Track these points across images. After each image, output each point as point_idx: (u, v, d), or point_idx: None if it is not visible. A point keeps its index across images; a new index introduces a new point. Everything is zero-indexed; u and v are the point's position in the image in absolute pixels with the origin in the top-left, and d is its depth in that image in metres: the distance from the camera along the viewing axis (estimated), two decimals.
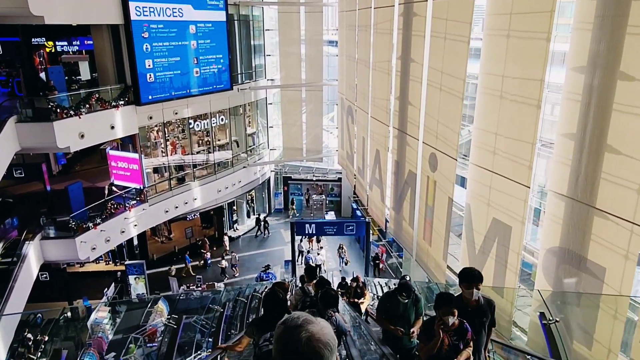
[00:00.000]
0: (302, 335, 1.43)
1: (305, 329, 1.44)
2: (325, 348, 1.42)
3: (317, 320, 1.50)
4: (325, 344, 1.43)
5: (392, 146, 16.19)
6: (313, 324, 1.47)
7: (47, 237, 14.29)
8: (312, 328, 1.45)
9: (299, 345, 1.41)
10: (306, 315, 1.52)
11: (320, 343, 1.42)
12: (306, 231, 17.63)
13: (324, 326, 1.48)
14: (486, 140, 10.47)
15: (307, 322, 1.47)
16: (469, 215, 11.37)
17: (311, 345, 1.41)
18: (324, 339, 1.43)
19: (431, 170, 12.95)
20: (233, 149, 22.15)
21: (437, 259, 12.36)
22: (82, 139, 14.30)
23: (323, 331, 1.46)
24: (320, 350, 1.41)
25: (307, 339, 1.42)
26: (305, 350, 1.40)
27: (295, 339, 1.42)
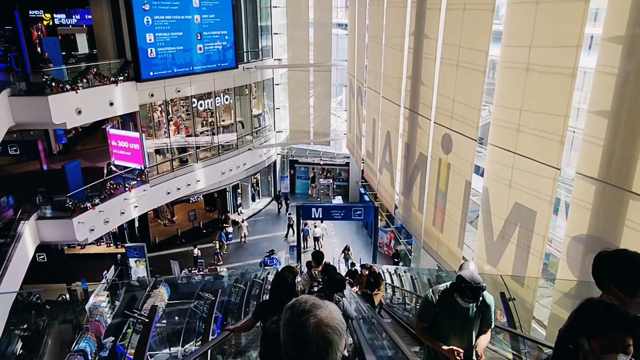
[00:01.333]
0: (310, 320, 1.39)
1: (313, 314, 1.41)
2: (334, 333, 1.39)
3: (325, 305, 1.46)
4: (334, 328, 1.40)
5: (402, 128, 15.40)
6: (321, 308, 1.43)
7: (44, 217, 13.78)
8: (320, 313, 1.41)
9: (307, 331, 1.38)
10: (314, 299, 1.48)
11: (329, 328, 1.39)
12: (313, 215, 16.99)
13: (332, 310, 1.44)
14: (508, 118, 9.66)
15: (314, 306, 1.43)
16: (486, 199, 10.62)
17: (320, 330, 1.38)
18: (332, 324, 1.40)
19: (444, 152, 12.15)
20: (238, 130, 21.46)
21: (450, 246, 11.64)
22: (79, 115, 13.67)
23: (332, 315, 1.42)
24: (329, 336, 1.38)
25: (315, 325, 1.38)
26: (313, 336, 1.38)
27: (303, 325, 1.39)
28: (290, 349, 1.43)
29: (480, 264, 11.05)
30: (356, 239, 21.98)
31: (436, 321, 3.77)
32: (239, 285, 8.95)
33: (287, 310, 1.49)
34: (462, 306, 3.64)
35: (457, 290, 3.57)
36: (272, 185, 26.49)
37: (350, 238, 21.89)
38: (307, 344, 1.38)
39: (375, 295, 9.16)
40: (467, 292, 3.49)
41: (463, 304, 3.61)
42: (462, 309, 3.67)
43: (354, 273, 12.02)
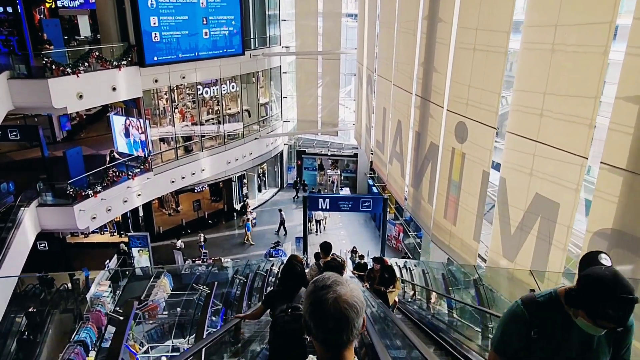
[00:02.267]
0: (329, 295, 1.42)
1: (334, 290, 1.44)
2: (351, 309, 1.41)
3: (346, 282, 1.48)
4: (352, 305, 1.42)
5: (413, 117, 14.83)
6: (342, 285, 1.46)
7: (44, 204, 13.46)
8: (340, 289, 1.44)
9: (326, 305, 1.41)
10: (337, 276, 1.51)
11: (346, 304, 1.41)
12: (320, 206, 16.51)
13: (353, 288, 1.46)
14: (530, 103, 9.08)
15: (336, 283, 1.46)
16: (503, 190, 10.06)
17: (338, 305, 1.41)
18: (350, 301, 1.42)
19: (458, 141, 11.57)
20: (244, 119, 20.99)
21: (464, 240, 11.11)
22: (81, 99, 13.27)
23: (351, 293, 1.44)
24: (346, 312, 1.41)
25: (334, 300, 1.41)
26: (331, 310, 1.41)
27: (323, 299, 1.42)
28: (309, 320, 1.46)
29: (495, 258, 10.52)
30: (364, 232, 21.50)
31: (529, 352, 2.16)
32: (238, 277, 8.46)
33: (311, 284, 1.51)
34: (583, 331, 2.06)
35: (593, 305, 1.92)
36: (279, 176, 26.04)
37: (358, 230, 21.43)
38: (325, 317, 1.42)
39: (389, 294, 8.13)
40: (611, 310, 1.86)
41: (592, 330, 2.02)
42: (583, 335, 2.09)
43: (363, 267, 11.44)
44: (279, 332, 3.59)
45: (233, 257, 17.59)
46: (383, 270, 8.48)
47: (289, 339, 3.53)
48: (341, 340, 1.44)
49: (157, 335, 12.52)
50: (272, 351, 3.83)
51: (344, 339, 1.44)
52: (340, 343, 1.44)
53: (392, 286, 8.23)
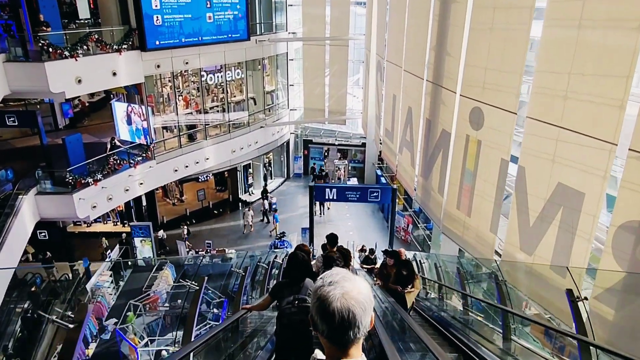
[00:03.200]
0: (336, 291, 1.40)
1: (341, 285, 1.42)
2: (358, 306, 1.39)
3: (355, 279, 1.45)
4: (360, 302, 1.40)
5: (424, 104, 14.20)
6: (350, 281, 1.44)
7: (43, 192, 13.08)
8: (348, 285, 1.42)
9: (332, 300, 1.39)
10: (346, 272, 1.49)
11: (353, 300, 1.39)
12: (326, 196, 15.96)
13: (362, 286, 1.44)
14: (553, 85, 8.44)
15: (344, 279, 1.44)
16: (522, 179, 9.45)
17: (344, 301, 1.39)
18: (358, 297, 1.40)
19: (474, 128, 10.96)
20: (249, 107, 20.45)
21: (480, 232, 10.53)
22: (80, 84, 12.81)
23: (359, 290, 1.42)
24: (353, 308, 1.39)
25: (341, 296, 1.39)
26: (337, 305, 1.38)
27: (330, 295, 1.40)
28: (315, 315, 1.44)
29: (511, 251, 9.96)
30: (371, 223, 20.98)
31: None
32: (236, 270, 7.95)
33: (319, 279, 1.49)
34: None
35: None
36: (285, 166, 25.52)
37: (366, 222, 20.92)
38: (331, 314, 1.39)
39: (408, 294, 6.91)
40: None
41: None
42: None
43: (372, 261, 10.85)
44: (286, 324, 3.60)
45: (237, 248, 17.17)
46: (400, 266, 7.32)
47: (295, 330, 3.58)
48: (347, 337, 1.42)
49: (158, 328, 12.16)
50: (279, 342, 3.83)
51: (350, 336, 1.41)
52: (345, 340, 1.42)
53: (411, 285, 7.03)
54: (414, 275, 7.34)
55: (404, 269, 7.25)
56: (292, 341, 3.70)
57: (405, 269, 7.24)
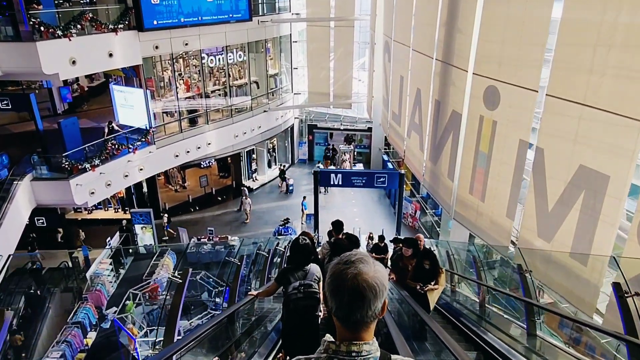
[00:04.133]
0: (350, 270, 1.40)
1: (356, 266, 1.41)
2: (369, 289, 1.38)
3: (371, 262, 1.44)
4: (371, 285, 1.38)
5: (433, 85, 13.56)
6: (366, 264, 1.42)
7: (39, 177, 12.67)
8: (363, 267, 1.41)
9: (344, 279, 1.39)
10: (364, 255, 1.47)
11: (365, 283, 1.38)
12: (331, 181, 15.46)
13: (377, 270, 1.43)
14: (577, 58, 7.81)
15: (360, 261, 1.43)
16: (540, 161, 8.88)
17: (356, 282, 1.38)
18: (370, 281, 1.39)
19: (488, 108, 10.35)
20: (252, 91, 19.85)
21: (494, 218, 9.99)
22: (74, 65, 12.27)
23: (373, 273, 1.41)
24: (364, 290, 1.38)
25: (354, 276, 1.39)
26: (349, 285, 1.38)
27: (343, 273, 1.40)
28: (328, 291, 1.44)
29: (528, 238, 9.43)
30: (378, 209, 20.48)
31: None
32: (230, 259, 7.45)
33: (337, 259, 1.48)
34: None
35: None
36: (290, 151, 24.97)
37: (372, 208, 20.42)
38: (341, 291, 1.39)
39: (430, 293, 5.65)
40: None
41: None
42: None
43: (382, 249, 10.24)
44: (292, 309, 3.63)
45: (241, 235, 16.76)
46: (420, 258, 5.99)
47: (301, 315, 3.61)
48: (355, 317, 1.40)
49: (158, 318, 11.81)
50: (285, 327, 3.85)
51: (358, 317, 1.40)
52: (354, 320, 1.41)
53: (435, 282, 5.67)
54: (439, 269, 5.85)
55: (426, 261, 5.82)
56: (298, 326, 3.71)
57: (427, 260, 5.82)
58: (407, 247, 6.40)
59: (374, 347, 1.45)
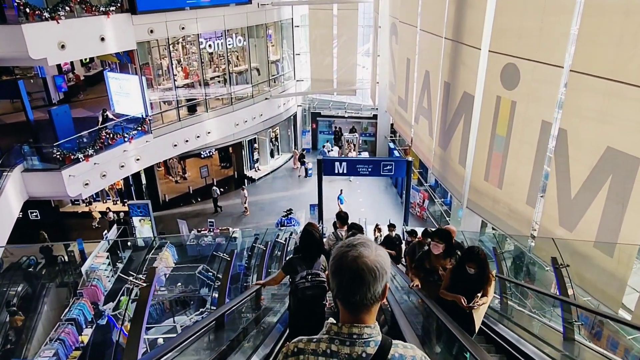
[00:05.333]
0: (350, 253, 1.42)
1: (357, 249, 1.42)
2: (369, 272, 1.39)
3: (373, 246, 1.45)
4: (370, 269, 1.39)
5: (442, 66, 12.81)
6: (367, 247, 1.44)
7: (30, 169, 12.12)
8: (364, 250, 1.42)
9: (345, 261, 1.41)
10: (367, 239, 1.49)
11: (365, 265, 1.39)
12: (336, 170, 14.81)
13: (379, 254, 1.43)
14: (606, 28, 7.08)
15: (362, 244, 1.44)
16: (563, 143, 8.18)
17: (355, 264, 1.39)
18: (370, 264, 1.40)
19: (506, 87, 9.61)
20: (253, 78, 19.16)
21: (513, 205, 9.32)
22: (63, 50, 11.64)
23: (374, 257, 1.41)
24: (362, 272, 1.39)
25: (354, 259, 1.40)
26: (349, 266, 1.40)
27: (344, 256, 1.42)
28: (330, 272, 1.47)
29: (548, 227, 8.77)
30: (384, 199, 19.84)
31: None
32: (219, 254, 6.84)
33: (340, 242, 1.51)
34: None
35: None
36: (293, 140, 24.31)
37: (378, 197, 19.78)
38: (341, 272, 1.41)
39: (476, 311, 3.95)
40: None
41: None
42: None
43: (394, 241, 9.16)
44: (299, 298, 3.63)
45: (243, 227, 16.21)
46: (462, 259, 4.17)
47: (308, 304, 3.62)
48: (354, 299, 1.41)
49: (156, 314, 11.31)
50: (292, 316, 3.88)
51: (357, 299, 1.41)
52: (354, 302, 1.42)
53: (483, 293, 3.96)
54: (488, 273, 4.02)
55: (471, 264, 3.97)
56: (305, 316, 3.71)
57: (472, 263, 3.97)
58: (439, 241, 4.62)
59: (375, 331, 1.46)
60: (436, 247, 4.66)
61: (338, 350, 1.43)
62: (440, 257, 4.73)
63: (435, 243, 4.67)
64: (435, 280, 4.72)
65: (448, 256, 4.71)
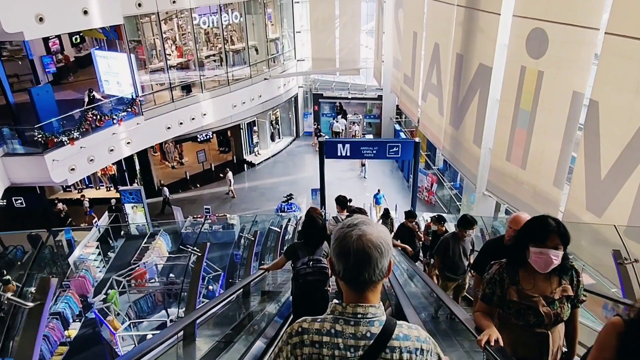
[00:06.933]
0: (353, 232, 1.41)
1: (360, 228, 1.42)
2: (374, 249, 1.39)
3: (374, 224, 1.46)
4: (376, 245, 1.40)
5: (454, 36, 11.78)
6: (369, 225, 1.44)
7: (11, 153, 11.32)
8: (366, 228, 1.42)
9: (349, 241, 1.40)
10: (367, 218, 1.49)
11: (370, 243, 1.39)
12: (339, 153, 13.90)
13: (380, 230, 1.45)
14: None
15: (363, 222, 1.45)
16: (594, 117, 7.25)
17: (360, 243, 1.39)
18: (375, 241, 1.40)
19: (532, 56, 8.57)
20: (251, 57, 18.16)
21: (539, 186, 8.41)
22: (41, 23, 10.67)
23: (377, 234, 1.42)
24: (369, 250, 1.39)
25: (358, 237, 1.40)
26: (354, 247, 1.39)
27: (347, 236, 1.41)
28: (334, 257, 1.45)
29: (574, 211, 7.89)
30: (390, 183, 18.97)
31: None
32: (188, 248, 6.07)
33: (340, 223, 1.51)
34: None
35: None
36: (294, 123, 23.36)
37: (383, 181, 18.90)
38: (347, 253, 1.40)
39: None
40: None
41: None
42: None
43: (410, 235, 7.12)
44: (301, 284, 3.69)
45: (241, 214, 15.42)
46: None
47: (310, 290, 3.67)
48: (362, 278, 1.41)
49: (147, 307, 10.59)
50: (296, 301, 3.90)
51: (365, 277, 1.41)
52: (361, 281, 1.42)
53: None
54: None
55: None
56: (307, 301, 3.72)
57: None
58: (558, 245, 2.30)
59: (379, 311, 1.45)
60: (547, 258, 2.28)
61: (342, 329, 1.43)
62: (551, 278, 2.41)
63: (543, 250, 2.29)
64: (539, 324, 2.40)
65: (564, 275, 2.43)
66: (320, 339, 1.42)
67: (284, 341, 1.49)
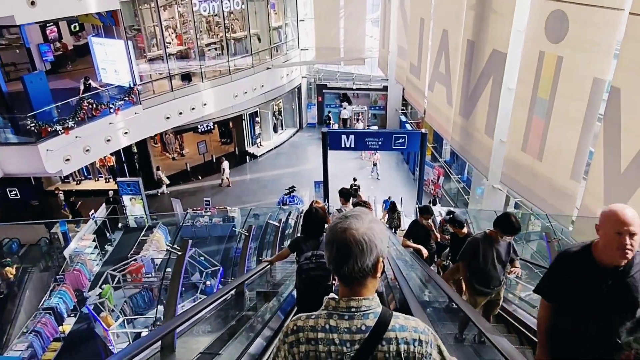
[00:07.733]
0: (340, 225, 1.39)
1: (349, 222, 1.39)
2: (355, 244, 1.36)
3: (367, 219, 1.41)
4: (358, 241, 1.36)
5: (464, 22, 11.25)
6: (358, 219, 1.40)
7: (3, 142, 11.00)
8: (355, 223, 1.39)
9: (335, 233, 1.39)
10: (363, 211, 1.45)
11: (352, 237, 1.36)
12: (342, 144, 13.44)
13: (370, 227, 1.39)
14: None
15: (355, 217, 1.41)
16: (615, 105, 6.75)
17: (343, 236, 1.37)
18: (357, 236, 1.36)
19: (551, 40, 8.04)
20: (253, 45, 17.67)
21: (555, 179, 7.92)
22: (33, 6, 10.29)
23: (363, 230, 1.37)
24: (349, 244, 1.36)
25: (343, 230, 1.38)
26: (337, 239, 1.38)
27: (334, 228, 1.41)
28: (325, 245, 1.47)
29: (590, 206, 7.42)
30: (395, 175, 18.54)
31: None
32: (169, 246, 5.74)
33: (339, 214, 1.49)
34: None
35: None
36: (297, 114, 22.88)
37: (389, 173, 18.46)
38: (331, 244, 1.41)
39: None
40: None
41: None
42: None
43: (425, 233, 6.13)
44: (304, 279, 3.64)
45: (242, 206, 15.04)
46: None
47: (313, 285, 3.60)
48: (342, 271, 1.39)
49: (144, 302, 10.27)
50: (299, 296, 3.87)
51: (345, 271, 1.39)
52: (343, 274, 1.40)
53: None
54: None
55: None
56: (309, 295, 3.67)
57: None
58: None
59: (374, 303, 1.43)
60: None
61: (337, 324, 1.40)
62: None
63: None
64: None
65: None
66: (316, 335, 1.40)
67: (280, 340, 1.46)
